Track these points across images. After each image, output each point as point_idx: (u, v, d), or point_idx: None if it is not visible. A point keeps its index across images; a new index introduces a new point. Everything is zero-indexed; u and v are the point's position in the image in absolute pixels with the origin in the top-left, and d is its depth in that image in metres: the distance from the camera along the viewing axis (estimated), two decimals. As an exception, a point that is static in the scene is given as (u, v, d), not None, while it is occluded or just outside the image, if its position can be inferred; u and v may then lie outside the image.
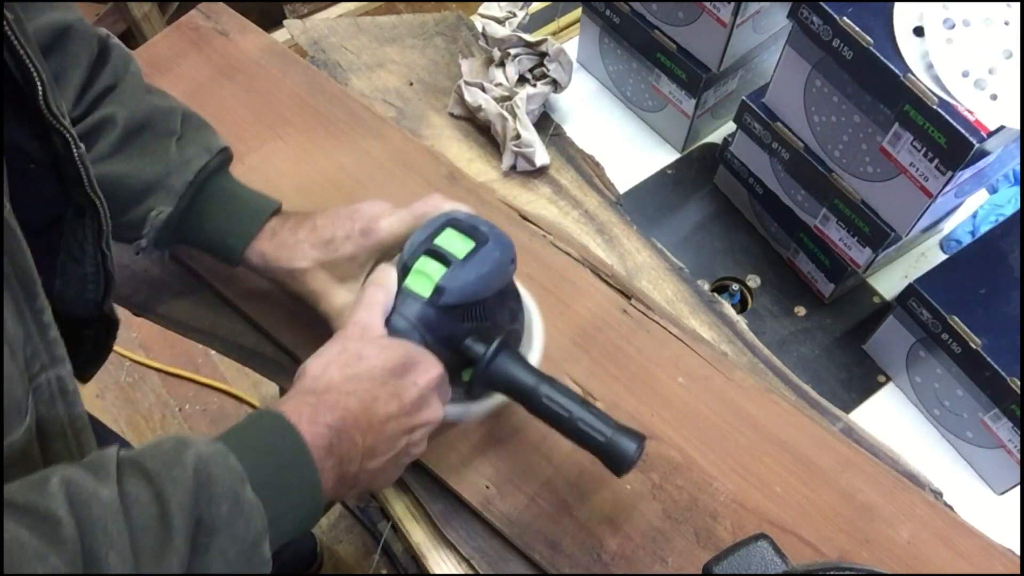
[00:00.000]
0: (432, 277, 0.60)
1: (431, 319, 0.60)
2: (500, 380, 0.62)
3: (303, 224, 0.68)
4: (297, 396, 0.53)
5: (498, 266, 0.62)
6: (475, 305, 0.62)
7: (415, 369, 0.57)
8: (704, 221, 0.97)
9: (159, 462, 0.44)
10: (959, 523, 0.70)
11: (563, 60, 0.94)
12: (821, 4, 0.73)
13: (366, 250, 0.66)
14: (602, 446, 0.59)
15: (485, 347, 0.62)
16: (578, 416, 0.60)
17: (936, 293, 0.76)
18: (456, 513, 0.71)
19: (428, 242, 0.62)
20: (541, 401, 0.61)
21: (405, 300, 0.60)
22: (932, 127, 0.70)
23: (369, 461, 0.54)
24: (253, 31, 0.99)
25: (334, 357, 0.56)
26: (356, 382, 0.55)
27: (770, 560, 0.52)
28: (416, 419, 0.57)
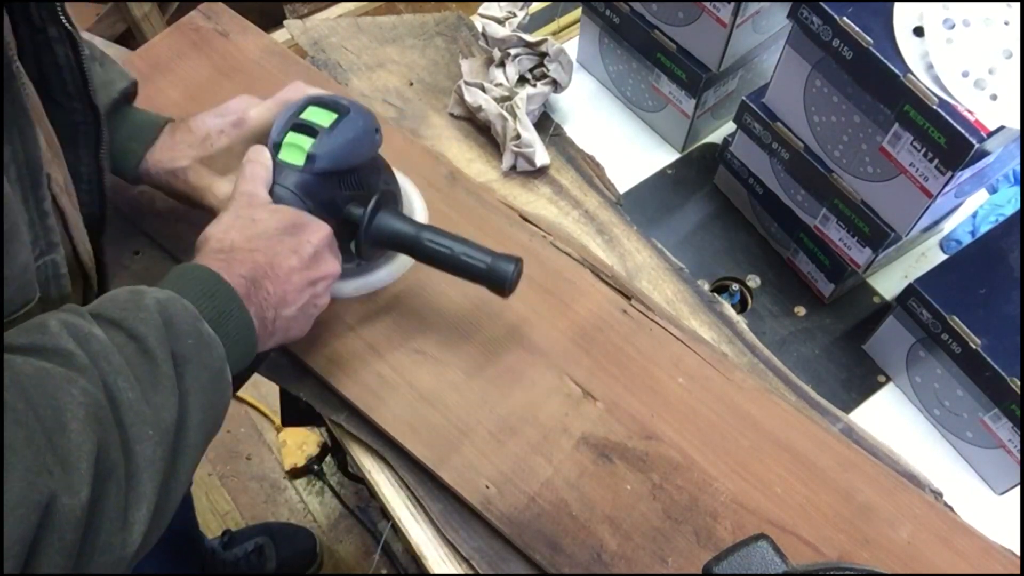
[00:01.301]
0: (303, 147, 0.66)
1: (309, 185, 0.66)
2: (383, 235, 0.69)
3: (178, 127, 0.72)
4: (208, 255, 0.59)
5: (363, 132, 0.68)
6: (348, 173, 0.69)
7: (306, 229, 0.63)
8: (704, 221, 0.97)
9: (120, 310, 0.50)
10: (959, 523, 0.70)
11: (563, 60, 0.94)
12: (821, 4, 0.73)
13: (240, 140, 0.71)
14: (484, 272, 0.68)
15: (363, 207, 0.68)
16: (460, 251, 0.68)
17: (936, 293, 0.76)
18: (456, 513, 0.71)
19: (295, 118, 0.67)
20: (425, 245, 0.68)
21: (282, 171, 0.66)
22: (932, 127, 0.70)
23: (282, 308, 0.60)
24: (253, 31, 0.99)
25: (231, 222, 0.61)
26: (256, 240, 0.60)
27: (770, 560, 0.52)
28: (316, 272, 0.63)
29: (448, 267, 0.69)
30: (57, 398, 0.42)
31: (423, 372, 0.75)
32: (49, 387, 0.43)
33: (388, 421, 0.73)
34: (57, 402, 0.42)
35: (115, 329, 0.48)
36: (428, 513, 0.71)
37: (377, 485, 0.74)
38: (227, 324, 0.55)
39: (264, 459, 1.67)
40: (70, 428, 0.42)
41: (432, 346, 0.77)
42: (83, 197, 0.64)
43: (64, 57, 0.59)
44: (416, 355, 0.76)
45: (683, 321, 0.81)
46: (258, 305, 0.58)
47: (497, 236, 0.84)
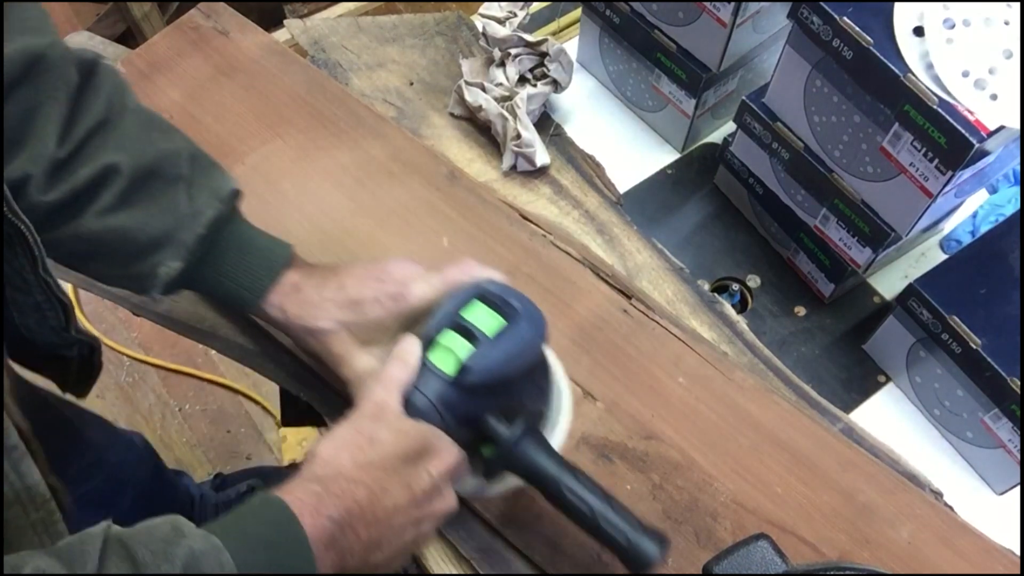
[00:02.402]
0: (458, 354, 0.57)
1: (453, 399, 0.57)
2: (521, 466, 0.59)
3: (328, 281, 0.64)
4: (303, 483, 0.51)
5: (528, 345, 0.59)
6: (501, 384, 0.59)
7: (430, 457, 0.55)
8: (704, 221, 0.97)
9: (149, 551, 0.43)
10: (959, 523, 0.70)
11: (563, 60, 0.94)
12: (821, 4, 0.73)
13: (394, 315, 0.63)
14: (623, 549, 0.56)
15: (508, 429, 0.58)
16: (600, 514, 0.57)
17: (936, 293, 0.76)
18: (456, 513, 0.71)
19: (455, 315, 0.59)
20: (562, 494, 0.58)
21: (427, 377, 0.57)
22: (932, 127, 0.70)
23: (372, 554, 0.52)
24: (253, 30, 0.99)
25: (345, 441, 0.54)
26: (366, 470, 0.52)
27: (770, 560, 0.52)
28: (426, 510, 0.54)
29: (580, 524, 0.58)
30: None
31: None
32: None
33: (388, 421, 0.73)
34: None
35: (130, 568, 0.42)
36: (428, 513, 0.71)
37: (377, 485, 0.74)
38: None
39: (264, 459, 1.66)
40: None
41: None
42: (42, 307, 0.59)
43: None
44: (416, 355, 0.76)
45: (683, 321, 0.81)
46: (340, 552, 0.49)
47: (497, 235, 0.84)
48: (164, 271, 0.61)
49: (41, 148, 0.57)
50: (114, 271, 0.63)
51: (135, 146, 0.61)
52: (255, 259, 0.64)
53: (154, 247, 0.61)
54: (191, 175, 0.63)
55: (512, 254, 0.82)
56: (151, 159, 0.61)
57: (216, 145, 0.89)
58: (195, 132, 0.90)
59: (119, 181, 0.60)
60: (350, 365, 0.63)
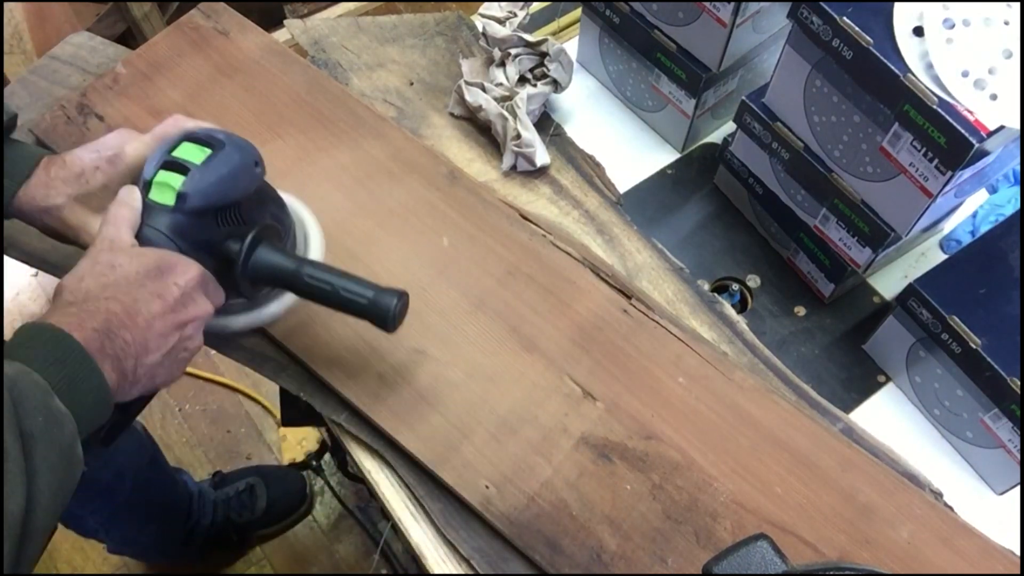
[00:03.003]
0: (173, 186, 0.63)
1: (182, 226, 0.63)
2: (262, 271, 0.66)
3: (54, 162, 0.69)
4: (59, 309, 0.56)
5: (240, 167, 0.65)
6: (228, 208, 0.65)
7: (172, 271, 0.61)
8: (704, 221, 0.97)
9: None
10: (959, 523, 0.70)
11: (564, 60, 0.94)
12: (821, 4, 0.73)
13: (117, 177, 0.69)
14: (366, 307, 0.64)
15: (240, 243, 0.65)
16: (340, 286, 0.65)
17: (936, 293, 0.76)
18: (456, 513, 0.71)
19: (166, 155, 0.65)
20: (305, 281, 0.65)
21: (151, 212, 0.63)
22: (932, 127, 0.70)
23: (144, 357, 0.58)
24: (253, 31, 0.99)
25: (88, 270, 0.59)
26: (113, 288, 0.58)
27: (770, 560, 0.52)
28: (183, 315, 0.60)
29: (329, 303, 0.66)
30: None
31: (423, 372, 0.75)
32: None
33: (388, 421, 0.73)
34: None
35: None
36: (428, 513, 0.71)
37: (377, 485, 0.74)
38: (79, 391, 0.53)
39: (264, 459, 1.67)
40: None
41: (432, 346, 0.77)
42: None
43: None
44: (416, 355, 0.76)
45: (683, 321, 0.81)
46: (114, 357, 0.56)
47: (497, 235, 0.84)
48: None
49: None
50: None
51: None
52: (11, 162, 0.70)
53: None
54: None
55: (512, 254, 0.82)
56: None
57: (216, 145, 0.89)
58: (195, 132, 0.90)
59: None
60: (88, 232, 0.68)
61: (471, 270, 0.81)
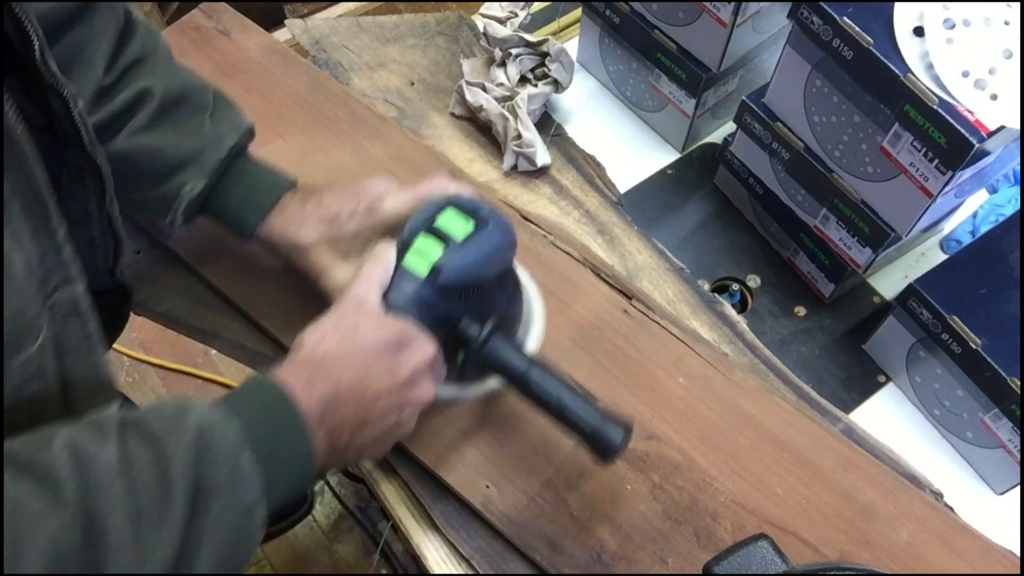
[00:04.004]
0: (430, 256, 0.61)
1: (427, 299, 0.61)
2: (492, 362, 0.63)
3: (310, 199, 0.69)
4: (293, 366, 0.55)
5: (497, 249, 0.63)
6: (472, 287, 0.63)
7: (410, 347, 0.58)
8: (704, 221, 0.97)
9: (161, 423, 0.45)
10: (959, 524, 0.70)
11: (564, 60, 0.94)
12: (821, 4, 0.73)
13: (370, 228, 0.67)
14: (588, 435, 0.60)
15: (479, 329, 0.62)
16: (566, 404, 0.61)
17: (936, 293, 0.76)
18: (456, 513, 0.71)
19: (428, 221, 0.62)
20: (531, 386, 0.62)
21: (402, 278, 0.61)
22: (932, 127, 0.70)
23: (359, 434, 0.56)
24: (254, 31, 0.99)
25: (330, 329, 0.57)
26: (351, 355, 0.56)
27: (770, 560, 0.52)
28: (408, 396, 0.58)
29: (548, 413, 0.62)
30: (21, 539, 0.38)
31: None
32: (16, 524, 0.38)
33: (388, 421, 0.73)
34: (19, 543, 0.38)
35: (147, 447, 0.44)
36: (428, 513, 0.71)
37: (377, 485, 0.74)
38: (281, 453, 0.50)
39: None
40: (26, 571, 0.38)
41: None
42: (96, 242, 0.61)
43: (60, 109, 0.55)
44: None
45: (684, 321, 0.81)
46: (331, 429, 0.53)
47: (497, 236, 0.84)
48: (188, 189, 0.67)
49: (91, 75, 0.64)
50: (142, 192, 0.68)
51: (166, 76, 0.68)
52: (260, 185, 0.70)
53: (180, 166, 0.67)
54: (214, 106, 0.70)
55: (512, 254, 0.82)
56: (180, 87, 0.69)
57: (217, 145, 0.89)
58: (196, 132, 0.90)
59: (151, 103, 0.67)
60: (330, 276, 0.67)
61: (471, 270, 0.81)
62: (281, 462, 0.50)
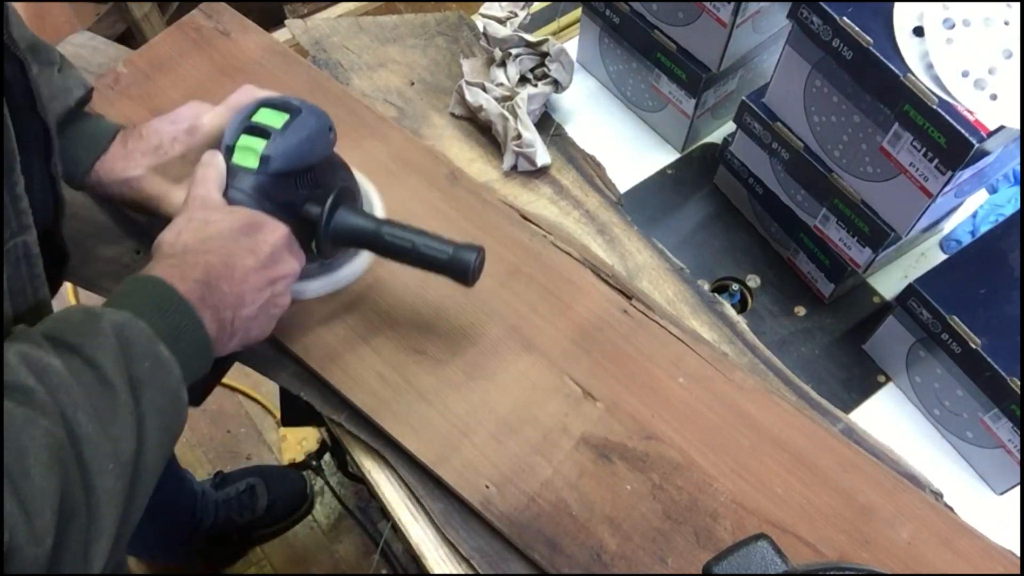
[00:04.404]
0: (256, 149, 0.66)
1: (265, 187, 0.66)
2: (343, 232, 0.68)
3: (130, 135, 0.71)
4: (161, 261, 0.58)
5: (316, 131, 0.68)
6: (304, 172, 0.68)
7: (262, 229, 0.63)
8: (704, 221, 0.97)
9: (77, 335, 0.49)
10: (959, 524, 0.70)
11: (564, 60, 0.94)
12: (821, 4, 0.73)
13: (194, 147, 0.70)
14: (446, 262, 0.67)
15: (321, 207, 0.68)
16: (420, 243, 0.67)
17: (936, 293, 0.76)
18: (456, 513, 0.71)
19: (246, 121, 0.67)
20: (385, 240, 0.68)
21: (236, 175, 0.66)
22: (932, 127, 0.70)
23: (240, 309, 0.60)
24: (254, 31, 0.99)
25: (184, 226, 0.61)
26: (210, 242, 0.60)
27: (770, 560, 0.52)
28: (275, 271, 0.63)
29: (409, 260, 0.69)
30: (20, 441, 0.41)
31: (423, 372, 0.75)
32: (10, 430, 0.41)
33: (388, 421, 0.73)
34: (19, 445, 0.41)
35: (72, 356, 0.47)
36: (428, 513, 0.71)
37: (377, 485, 0.74)
38: (182, 340, 0.54)
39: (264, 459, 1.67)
40: (33, 473, 0.41)
41: (432, 346, 0.77)
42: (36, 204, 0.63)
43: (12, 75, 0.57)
44: (416, 355, 0.76)
45: (684, 321, 0.81)
46: (214, 308, 0.57)
47: (497, 235, 0.84)
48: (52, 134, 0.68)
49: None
50: None
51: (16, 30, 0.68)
52: (91, 134, 0.72)
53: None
54: (61, 63, 0.73)
55: (512, 254, 0.82)
56: (29, 42, 0.70)
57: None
58: (196, 132, 0.90)
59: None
60: (168, 201, 0.70)
61: (471, 270, 0.81)
62: (184, 347, 0.54)
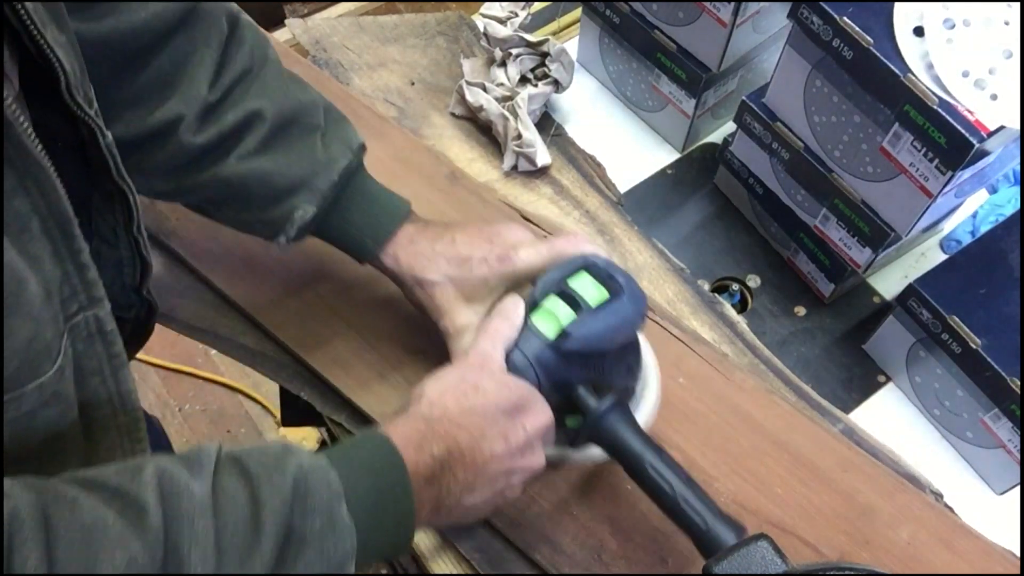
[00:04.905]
0: (560, 320, 0.59)
1: (550, 362, 0.59)
2: (606, 439, 0.61)
3: (442, 237, 0.67)
4: (409, 420, 0.54)
5: (628, 321, 0.61)
6: (596, 356, 0.61)
7: (527, 412, 0.57)
8: (704, 221, 0.97)
9: (260, 465, 0.45)
10: (959, 525, 0.70)
11: (565, 60, 0.94)
12: (821, 4, 0.73)
13: (499, 276, 0.65)
14: (700, 532, 0.57)
15: (598, 401, 0.60)
16: (681, 495, 0.58)
17: (936, 293, 0.76)
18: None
19: (562, 283, 0.61)
20: (645, 470, 0.59)
21: (529, 338, 0.60)
22: (932, 127, 0.70)
23: (466, 496, 0.54)
24: (254, 31, 0.99)
25: (451, 385, 0.57)
26: (469, 415, 0.55)
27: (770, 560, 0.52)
28: (519, 463, 0.57)
29: (659, 502, 0.60)
30: (96, 558, 0.38)
31: (424, 372, 0.75)
32: (96, 541, 0.38)
33: (388, 421, 0.73)
34: (94, 560, 0.38)
35: (243, 484, 0.43)
36: (428, 513, 0.71)
37: (377, 485, 0.74)
38: (381, 511, 0.49)
39: (264, 459, 1.67)
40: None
41: (433, 346, 0.77)
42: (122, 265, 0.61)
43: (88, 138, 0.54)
44: (417, 354, 0.76)
45: (684, 321, 0.81)
46: (439, 490, 0.52)
47: (497, 236, 0.84)
48: (300, 215, 0.65)
49: (195, 91, 0.61)
50: (250, 215, 0.66)
51: (276, 94, 0.65)
52: (378, 210, 0.68)
53: (291, 191, 0.65)
54: (326, 125, 0.67)
55: (512, 254, 0.82)
56: (291, 107, 0.65)
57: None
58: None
59: (262, 127, 0.64)
60: (451, 318, 0.66)
61: (471, 270, 0.81)
62: (380, 519, 0.49)
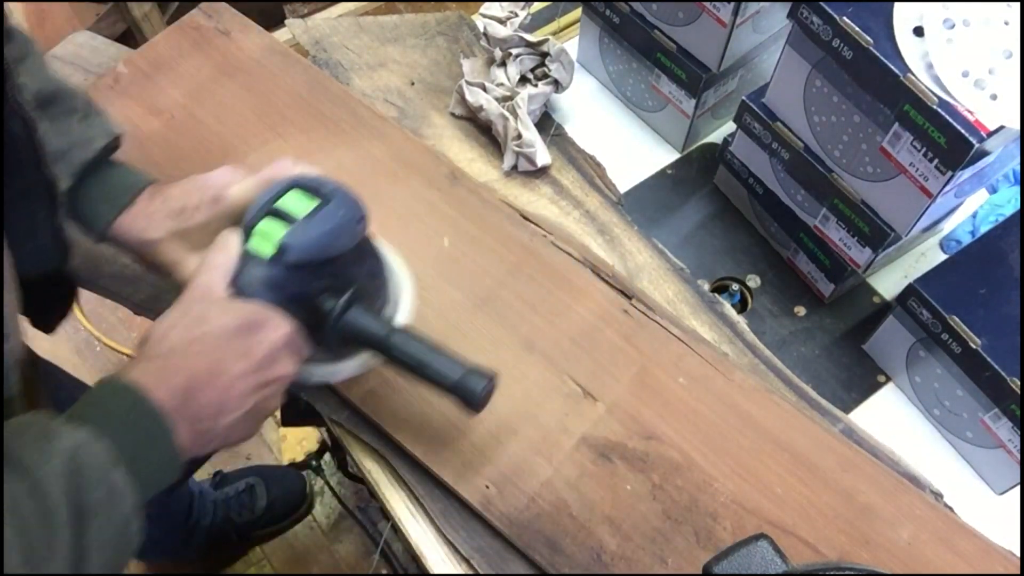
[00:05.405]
0: (273, 237, 0.61)
1: (277, 279, 0.61)
2: (351, 332, 0.64)
3: (157, 195, 0.68)
4: (143, 362, 0.55)
5: (343, 223, 0.63)
6: (325, 263, 0.63)
7: (263, 327, 0.59)
8: (704, 221, 0.97)
9: (29, 451, 0.46)
10: (959, 524, 0.70)
11: (564, 60, 0.94)
12: (821, 4, 0.73)
13: (218, 217, 0.67)
14: (452, 387, 0.62)
15: (335, 302, 0.63)
16: (427, 361, 0.63)
17: (936, 293, 0.76)
18: (456, 513, 0.71)
19: (270, 203, 0.63)
20: (393, 350, 0.63)
21: (248, 262, 0.61)
22: (932, 127, 0.70)
23: (221, 417, 0.56)
24: (255, 30, 0.99)
25: (176, 320, 0.58)
26: (200, 343, 0.56)
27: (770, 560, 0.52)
28: (267, 374, 0.58)
29: (413, 374, 0.64)
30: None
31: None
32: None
33: (388, 421, 0.73)
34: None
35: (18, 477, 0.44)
36: (428, 513, 0.71)
37: (377, 485, 0.74)
38: (149, 454, 0.52)
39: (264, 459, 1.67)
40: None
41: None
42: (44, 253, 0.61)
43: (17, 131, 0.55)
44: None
45: (684, 321, 0.81)
46: (191, 418, 0.54)
47: (498, 235, 0.84)
48: (59, 188, 0.65)
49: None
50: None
51: (39, 76, 0.67)
52: (116, 186, 0.69)
53: (52, 160, 0.64)
54: (84, 111, 0.69)
55: (513, 254, 0.82)
56: (53, 88, 0.67)
57: (218, 145, 0.89)
58: (196, 131, 0.90)
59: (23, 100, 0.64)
60: (183, 270, 0.67)
61: (472, 270, 0.81)
62: (148, 463, 0.51)
